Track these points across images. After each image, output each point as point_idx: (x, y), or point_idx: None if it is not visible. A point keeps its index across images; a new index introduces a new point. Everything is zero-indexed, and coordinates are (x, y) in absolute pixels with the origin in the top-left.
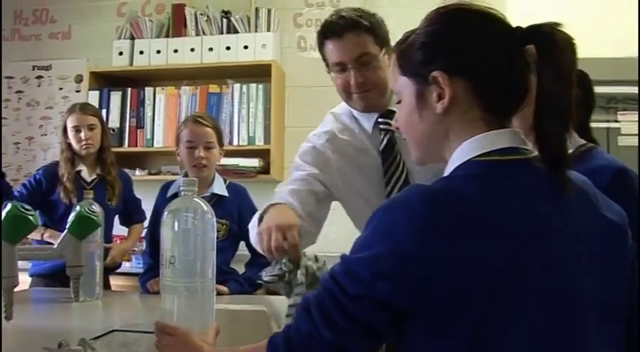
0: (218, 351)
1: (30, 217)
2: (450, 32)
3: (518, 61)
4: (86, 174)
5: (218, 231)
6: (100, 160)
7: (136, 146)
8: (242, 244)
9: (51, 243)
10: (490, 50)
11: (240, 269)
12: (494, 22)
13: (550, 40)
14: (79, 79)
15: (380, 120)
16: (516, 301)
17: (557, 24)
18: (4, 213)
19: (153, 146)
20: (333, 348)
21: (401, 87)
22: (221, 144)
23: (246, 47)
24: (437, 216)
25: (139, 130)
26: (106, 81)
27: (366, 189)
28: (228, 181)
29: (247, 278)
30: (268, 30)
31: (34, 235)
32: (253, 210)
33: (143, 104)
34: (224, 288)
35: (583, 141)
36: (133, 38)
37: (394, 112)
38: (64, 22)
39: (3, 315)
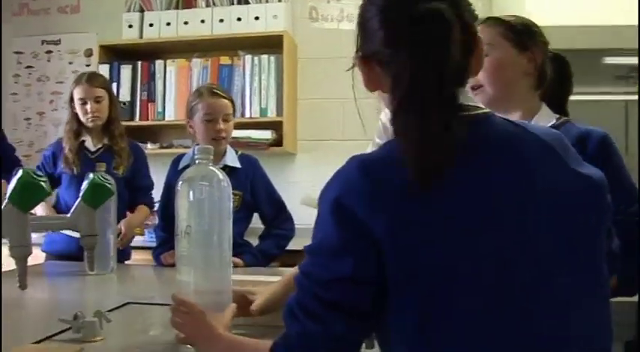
0: (231, 338)
1: (42, 183)
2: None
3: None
4: (90, 144)
5: (232, 202)
6: (108, 131)
7: (148, 120)
8: (255, 216)
9: None
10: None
11: (254, 241)
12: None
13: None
14: (88, 53)
15: None
16: (470, 277)
17: None
18: (15, 180)
19: (164, 119)
20: (328, 339)
21: None
22: (234, 114)
23: (257, 18)
24: (374, 187)
25: (150, 104)
26: (115, 54)
27: None
28: (240, 152)
29: (261, 251)
30: (280, 0)
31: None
32: (266, 181)
33: (154, 77)
34: (239, 260)
35: (558, 115)
36: (142, 10)
37: None
38: None
39: (16, 285)
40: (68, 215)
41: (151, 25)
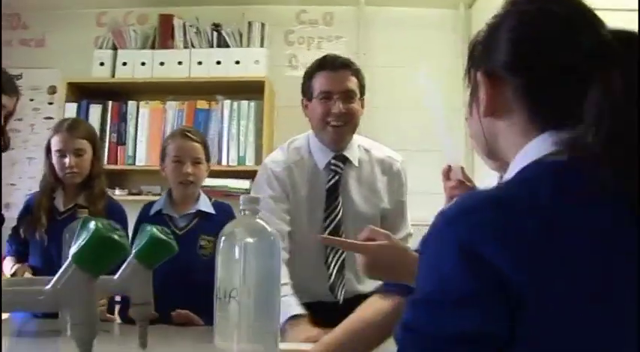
0: None
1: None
2: (505, 29)
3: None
4: (60, 202)
5: (205, 249)
6: (86, 189)
7: (117, 163)
8: None
9: None
10: (548, 57)
11: None
12: (568, 25)
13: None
14: (51, 91)
15: (332, 161)
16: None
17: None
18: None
19: (135, 164)
20: None
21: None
22: (208, 159)
23: (237, 62)
24: (511, 225)
25: (119, 147)
26: (84, 93)
27: (305, 223)
28: (213, 199)
29: None
30: (261, 45)
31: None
32: None
33: (125, 119)
34: (197, 319)
35: None
36: (115, 48)
37: (347, 158)
38: (37, 29)
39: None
40: (116, 276)
41: (124, 63)
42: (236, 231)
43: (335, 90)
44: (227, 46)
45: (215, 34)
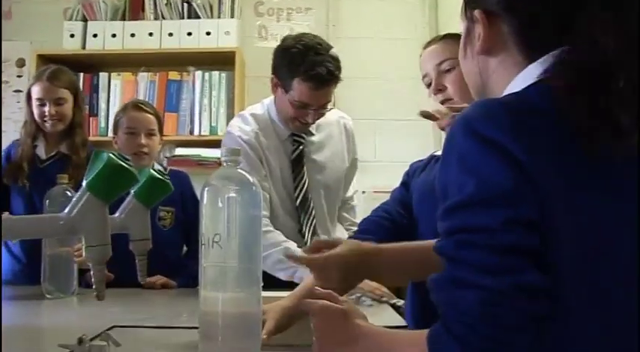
0: (375, 332)
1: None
2: None
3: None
4: (42, 150)
5: (164, 219)
6: (67, 138)
7: (89, 135)
8: None
9: None
10: None
11: None
12: None
13: None
14: (20, 63)
15: (294, 132)
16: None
17: None
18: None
19: (107, 135)
20: (520, 291)
21: (462, 20)
22: (161, 132)
23: (208, 33)
24: (529, 127)
25: (91, 118)
26: (55, 65)
27: (277, 191)
28: (168, 169)
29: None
30: (232, 16)
31: None
32: (195, 197)
33: (97, 90)
34: (172, 283)
35: None
36: (85, 20)
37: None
38: (2, 1)
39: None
40: (116, 215)
41: (94, 35)
42: (218, 180)
43: (314, 105)
44: (198, 17)
45: (185, 5)
